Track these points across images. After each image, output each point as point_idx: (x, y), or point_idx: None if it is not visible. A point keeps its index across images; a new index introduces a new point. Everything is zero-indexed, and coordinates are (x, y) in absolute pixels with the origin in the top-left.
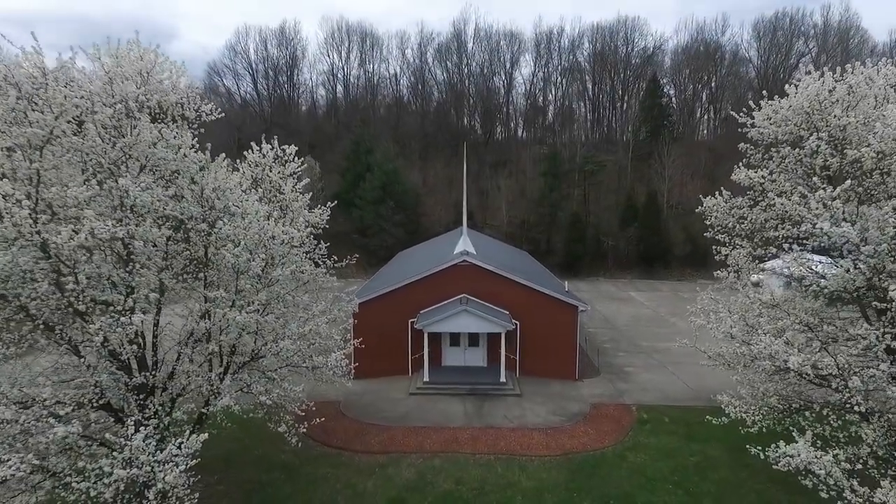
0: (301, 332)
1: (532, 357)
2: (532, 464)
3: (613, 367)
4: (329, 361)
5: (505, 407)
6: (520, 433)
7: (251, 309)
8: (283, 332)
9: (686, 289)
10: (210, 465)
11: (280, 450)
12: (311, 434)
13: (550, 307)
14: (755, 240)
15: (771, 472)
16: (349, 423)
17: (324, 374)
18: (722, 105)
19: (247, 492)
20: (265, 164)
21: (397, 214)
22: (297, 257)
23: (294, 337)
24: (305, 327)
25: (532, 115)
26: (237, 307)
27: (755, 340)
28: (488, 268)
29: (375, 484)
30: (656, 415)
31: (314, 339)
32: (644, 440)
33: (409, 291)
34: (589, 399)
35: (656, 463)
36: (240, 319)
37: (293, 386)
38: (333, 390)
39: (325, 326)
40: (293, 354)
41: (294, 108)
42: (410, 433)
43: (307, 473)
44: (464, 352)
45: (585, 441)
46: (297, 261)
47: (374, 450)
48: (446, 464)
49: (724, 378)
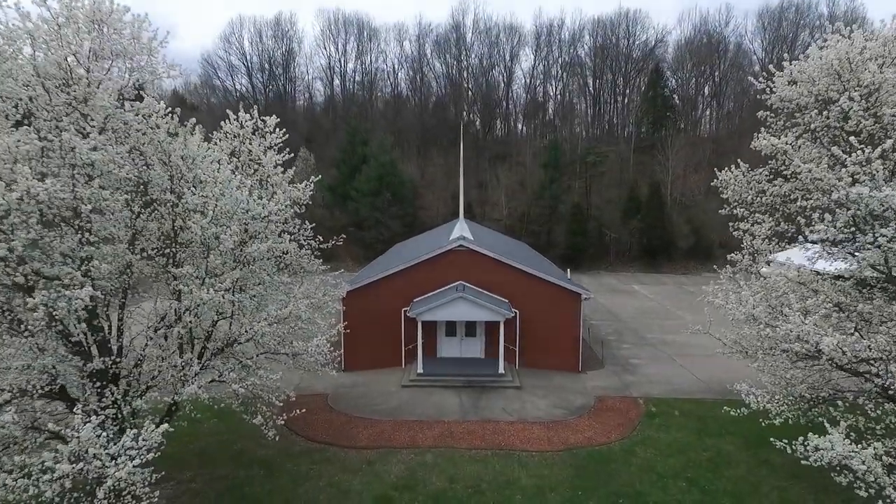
0: (280, 314)
1: (532, 348)
2: (533, 460)
3: (618, 359)
4: (310, 347)
5: (503, 400)
6: (519, 427)
7: (221, 287)
8: (261, 315)
9: (691, 282)
10: (184, 461)
11: (261, 445)
12: (295, 428)
13: (552, 295)
14: (777, 214)
15: (793, 468)
16: (336, 416)
17: (305, 361)
18: (725, 99)
19: (221, 489)
20: (244, 136)
21: (394, 206)
22: (275, 233)
23: (272, 320)
24: (285, 310)
25: (532, 109)
26: (207, 286)
27: (780, 323)
28: (486, 253)
29: (362, 481)
30: (665, 408)
31: (295, 323)
32: (653, 434)
33: (402, 278)
34: (593, 392)
35: (667, 459)
36: (206, 297)
37: (270, 374)
38: (322, 383)
39: (308, 311)
40: (270, 339)
41: (290, 101)
42: (401, 427)
43: (289, 470)
44: (460, 342)
45: (590, 435)
46: (274, 236)
47: (361, 445)
48: (439, 460)
49: (735, 369)
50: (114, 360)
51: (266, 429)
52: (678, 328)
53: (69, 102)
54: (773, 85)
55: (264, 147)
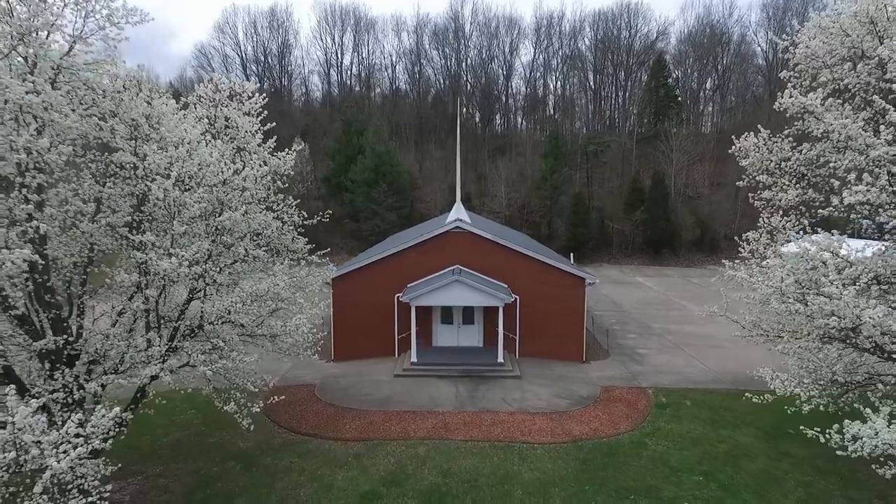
0: (255, 290)
1: (534, 336)
2: (534, 452)
3: (624, 349)
4: (288, 327)
5: (503, 390)
6: (520, 418)
7: (185, 256)
8: (234, 291)
9: (696, 275)
10: (155, 454)
11: (240, 437)
12: (278, 419)
13: (555, 280)
14: (804, 182)
15: (816, 461)
16: (323, 407)
17: (285, 343)
18: (728, 93)
19: (191, 485)
20: (218, 101)
21: (390, 197)
22: (250, 203)
23: (245, 297)
24: (261, 284)
25: (532, 104)
26: (175, 256)
27: (811, 297)
28: (485, 235)
29: (347, 476)
30: (676, 398)
31: (274, 302)
32: (664, 426)
33: (394, 263)
34: (598, 382)
35: (681, 451)
36: (166, 267)
37: (244, 357)
38: (310, 373)
39: (290, 289)
40: (245, 318)
41: (286, 94)
42: (392, 418)
43: (267, 464)
44: (457, 330)
45: (597, 427)
46: (250, 206)
47: (348, 437)
48: (433, 452)
49: (747, 359)
50: (67, 340)
51: (240, 417)
52: (685, 319)
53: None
54: (794, 45)
55: (241, 112)
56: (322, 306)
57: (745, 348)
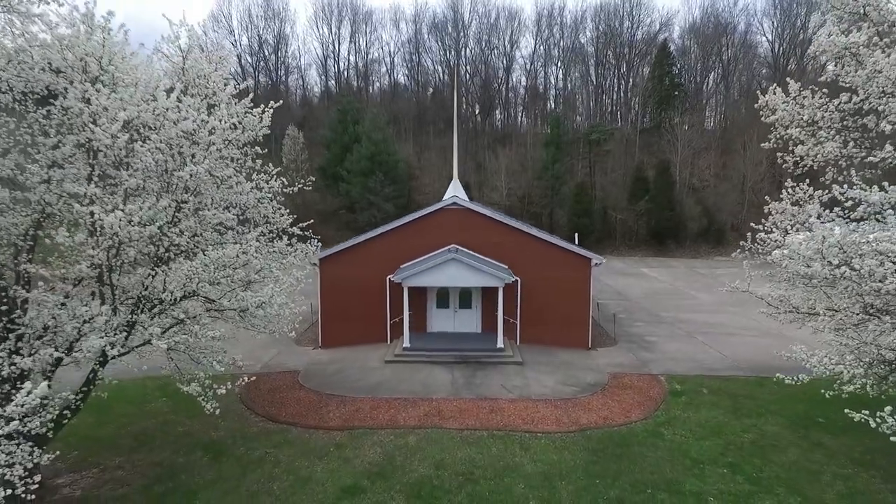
0: (222, 256)
1: (536, 322)
2: (538, 442)
3: (632, 337)
4: (259, 297)
5: (503, 376)
6: (522, 405)
7: (133, 210)
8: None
9: (703, 265)
10: (117, 445)
11: (212, 426)
12: (255, 407)
13: (559, 261)
14: (848, 133)
15: (853, 452)
16: (305, 394)
17: (255, 318)
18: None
19: (152, 477)
20: (187, 52)
21: (387, 187)
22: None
23: (209, 264)
24: (227, 250)
25: (532, 98)
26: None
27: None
28: (483, 212)
29: (327, 468)
30: (692, 385)
31: (244, 271)
32: (680, 414)
33: (386, 242)
34: (606, 369)
35: (701, 442)
36: (111, 221)
37: (208, 331)
38: (295, 359)
39: (264, 259)
40: (209, 288)
41: (283, 86)
42: (381, 405)
43: (239, 455)
44: (454, 315)
45: (606, 415)
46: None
47: (331, 425)
48: (424, 442)
49: (765, 347)
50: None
51: (204, 400)
52: (695, 307)
53: None
54: None
55: (212, 65)
56: (300, 276)
57: (762, 336)
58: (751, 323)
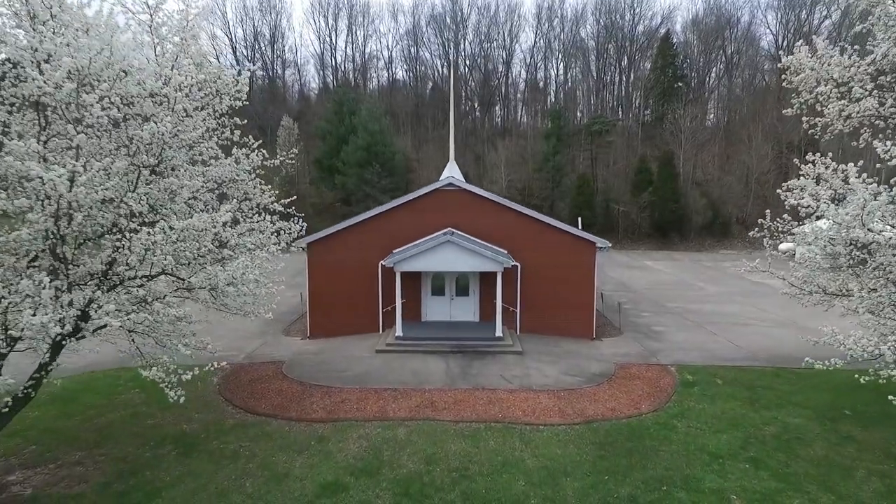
0: (185, 226)
1: (537, 310)
2: (539, 435)
3: (639, 327)
4: (229, 273)
5: (502, 366)
6: (522, 396)
7: (77, 166)
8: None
9: (708, 259)
10: (79, 439)
11: (185, 419)
12: (233, 398)
13: (561, 245)
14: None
15: (889, 446)
16: (289, 385)
17: (227, 297)
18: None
19: (113, 474)
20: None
21: (384, 179)
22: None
23: (172, 235)
24: (194, 219)
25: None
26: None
27: None
28: (482, 193)
29: (307, 463)
30: (704, 376)
31: (214, 243)
32: (694, 405)
33: (378, 226)
34: (612, 359)
35: (719, 435)
36: (52, 178)
37: (171, 309)
38: (281, 350)
39: (237, 235)
40: (171, 259)
41: (280, 81)
42: (369, 396)
43: (212, 449)
44: (450, 303)
45: (614, 406)
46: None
47: (314, 417)
48: (415, 435)
49: (779, 337)
50: None
51: (168, 387)
52: (703, 298)
53: None
54: None
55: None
56: (276, 252)
57: (776, 326)
58: (761, 313)
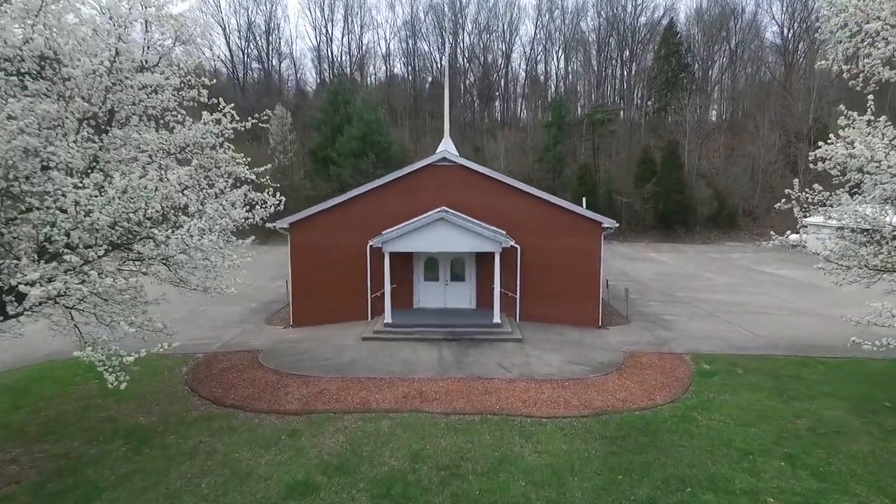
0: (129, 186)
1: (537, 296)
2: (542, 429)
3: (647, 316)
4: (179, 237)
5: (500, 353)
6: (522, 386)
7: None
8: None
9: (714, 251)
10: (22, 432)
11: (144, 411)
12: (200, 389)
13: (564, 226)
14: None
15: None
16: (263, 374)
17: (184, 270)
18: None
19: (51, 472)
20: None
21: (380, 170)
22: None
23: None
24: (134, 176)
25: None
26: None
27: None
28: (479, 170)
29: (275, 460)
30: (723, 365)
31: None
32: (715, 396)
33: (367, 205)
34: (620, 347)
35: (746, 429)
36: None
37: (109, 279)
38: (261, 339)
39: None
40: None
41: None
42: (350, 386)
43: (168, 444)
44: (444, 288)
45: (625, 397)
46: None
47: (287, 409)
48: (400, 428)
49: (801, 325)
50: None
51: (107, 371)
52: (713, 288)
53: None
54: None
55: None
56: (239, 218)
57: (795, 315)
58: (777, 302)
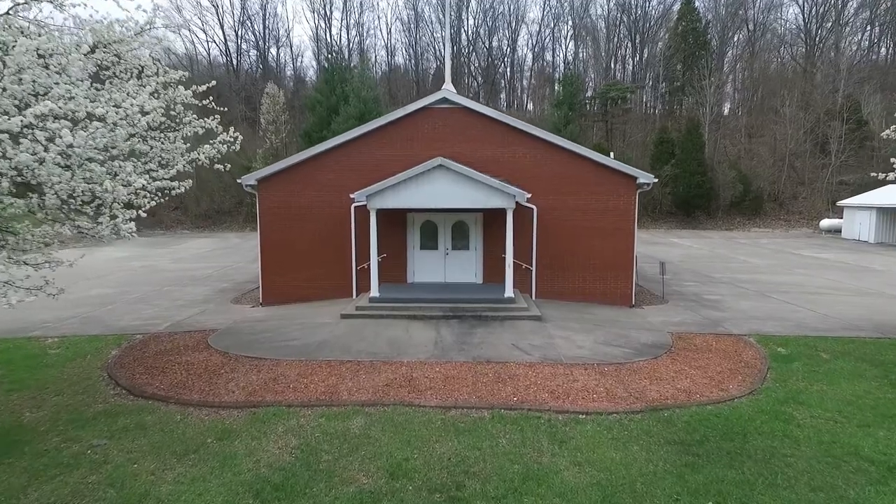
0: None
1: (558, 268)
2: (581, 429)
3: (686, 295)
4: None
5: (515, 333)
6: (547, 372)
7: None
8: None
9: (742, 237)
10: None
11: (36, 403)
12: (117, 375)
13: (590, 181)
14: None
15: None
16: (205, 357)
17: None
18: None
19: None
20: None
21: None
22: None
23: None
24: None
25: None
26: None
27: None
28: (485, 112)
29: (187, 475)
30: (801, 348)
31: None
32: (806, 387)
33: (350, 157)
34: (664, 327)
35: (870, 430)
36: None
37: None
38: (219, 318)
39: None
40: None
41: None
42: (315, 371)
43: (45, 450)
44: (444, 259)
45: (688, 387)
46: None
47: (225, 400)
48: (377, 428)
49: (874, 306)
50: None
51: None
52: (752, 269)
53: None
54: None
55: None
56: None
57: (860, 295)
58: (833, 283)
